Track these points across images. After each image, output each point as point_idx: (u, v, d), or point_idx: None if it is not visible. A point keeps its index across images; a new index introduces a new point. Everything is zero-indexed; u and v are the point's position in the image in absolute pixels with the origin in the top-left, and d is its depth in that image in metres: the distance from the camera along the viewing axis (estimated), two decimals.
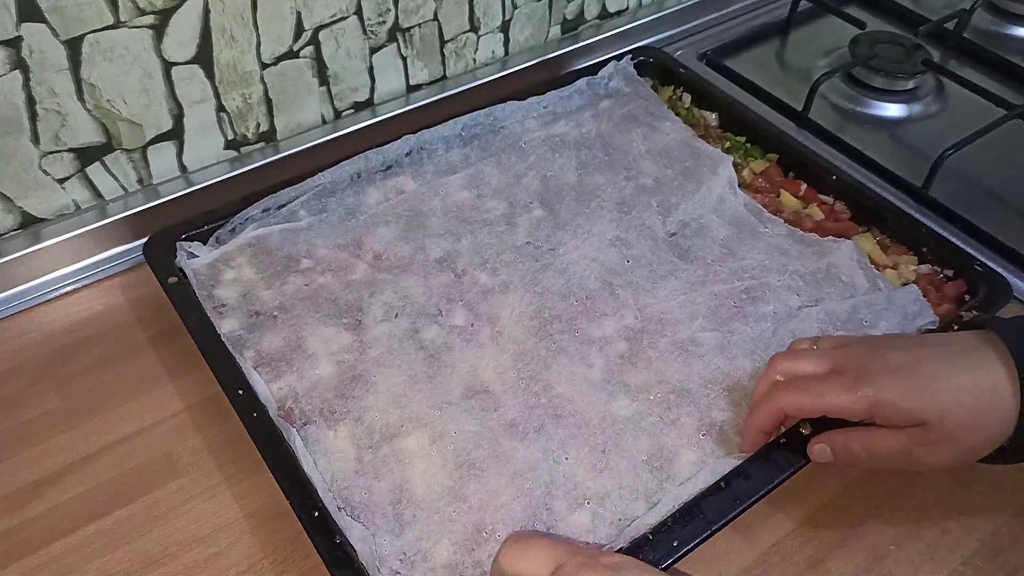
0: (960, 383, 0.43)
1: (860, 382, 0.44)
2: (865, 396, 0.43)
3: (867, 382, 0.44)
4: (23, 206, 0.64)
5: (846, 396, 0.44)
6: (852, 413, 0.44)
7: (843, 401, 0.44)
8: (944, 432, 0.43)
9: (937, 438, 0.43)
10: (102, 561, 0.50)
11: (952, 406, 0.42)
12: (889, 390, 0.43)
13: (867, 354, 0.46)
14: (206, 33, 0.63)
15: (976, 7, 0.88)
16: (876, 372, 0.44)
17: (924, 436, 0.43)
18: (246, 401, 0.52)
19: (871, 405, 0.43)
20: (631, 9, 0.90)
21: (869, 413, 0.44)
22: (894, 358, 0.44)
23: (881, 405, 0.43)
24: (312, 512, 0.47)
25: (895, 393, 0.43)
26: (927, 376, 0.43)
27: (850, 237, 0.65)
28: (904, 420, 0.43)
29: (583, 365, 0.56)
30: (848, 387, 0.44)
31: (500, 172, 0.69)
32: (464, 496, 0.49)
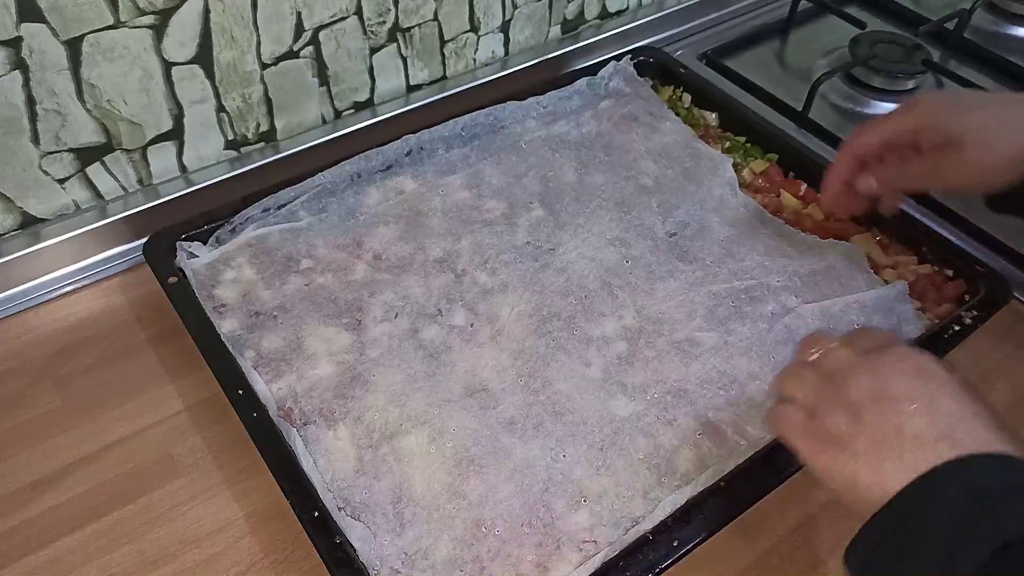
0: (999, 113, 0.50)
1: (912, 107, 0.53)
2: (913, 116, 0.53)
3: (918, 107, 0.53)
4: (23, 206, 0.64)
5: (898, 118, 0.53)
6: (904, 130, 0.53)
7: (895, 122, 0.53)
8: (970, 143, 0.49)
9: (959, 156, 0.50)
10: (102, 561, 0.50)
11: (985, 128, 0.50)
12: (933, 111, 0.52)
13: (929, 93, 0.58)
14: (206, 33, 0.63)
15: (976, 7, 0.88)
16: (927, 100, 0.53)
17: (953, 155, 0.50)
18: (246, 401, 0.52)
19: (916, 123, 0.52)
20: (631, 9, 0.90)
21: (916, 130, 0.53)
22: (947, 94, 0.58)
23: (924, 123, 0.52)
24: (312, 512, 0.47)
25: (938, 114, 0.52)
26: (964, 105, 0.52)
27: (850, 237, 0.65)
28: (941, 138, 0.51)
29: (581, 364, 0.56)
30: (901, 113, 0.54)
31: (500, 172, 0.69)
32: (464, 493, 0.49)
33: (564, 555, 0.47)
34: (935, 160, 0.51)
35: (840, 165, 0.56)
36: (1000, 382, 0.61)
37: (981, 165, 0.50)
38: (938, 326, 0.57)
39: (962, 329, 0.57)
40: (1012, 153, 0.48)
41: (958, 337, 0.56)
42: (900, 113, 0.54)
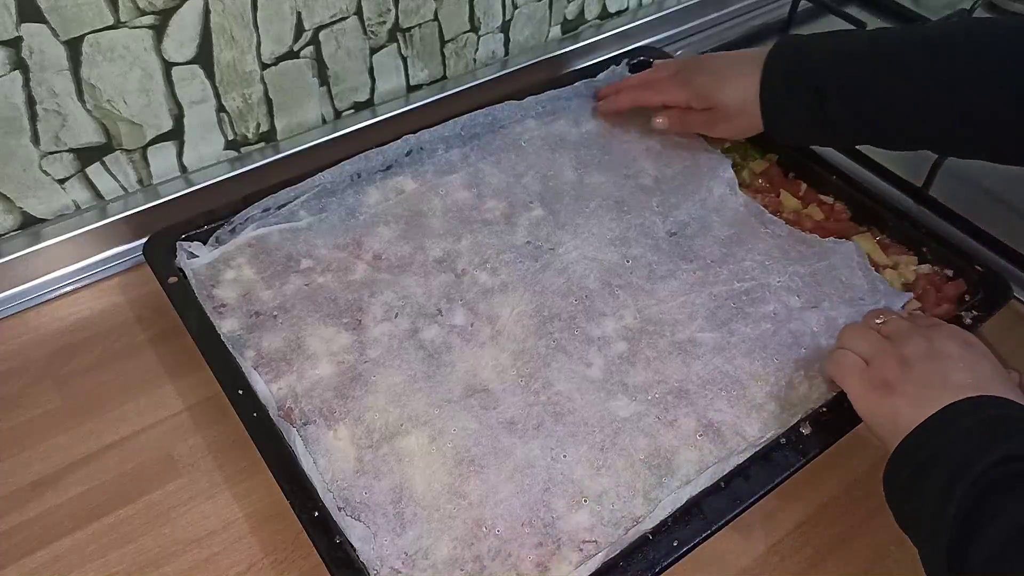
0: (736, 82, 0.64)
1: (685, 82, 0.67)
2: (687, 90, 0.67)
3: (690, 82, 0.67)
4: (23, 206, 0.64)
5: (676, 91, 0.68)
6: (680, 101, 0.68)
7: (674, 94, 0.68)
8: (727, 112, 0.65)
9: (721, 118, 0.66)
10: (102, 561, 0.50)
11: (728, 99, 0.64)
12: (701, 85, 0.66)
13: (696, 63, 0.68)
14: (206, 33, 0.63)
15: (976, 7, 0.88)
16: (697, 73, 0.67)
17: (714, 115, 0.66)
18: (246, 401, 0.52)
19: (691, 94, 0.67)
20: (631, 9, 0.90)
21: (692, 97, 0.67)
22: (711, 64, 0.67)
23: (698, 94, 0.66)
24: (312, 512, 0.47)
25: (706, 86, 0.65)
26: (724, 79, 0.65)
27: (850, 237, 0.65)
28: (708, 104, 0.66)
29: (582, 364, 0.56)
30: (678, 84, 0.68)
31: (500, 172, 0.69)
32: (464, 493, 0.49)
33: (564, 555, 0.47)
34: (705, 117, 0.67)
35: (622, 100, 0.72)
36: None
37: (734, 125, 0.66)
38: None
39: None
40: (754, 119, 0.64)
41: None
42: (677, 85, 0.67)
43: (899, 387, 0.47)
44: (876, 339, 0.51)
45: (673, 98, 0.68)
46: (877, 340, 0.51)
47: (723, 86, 0.64)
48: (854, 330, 0.53)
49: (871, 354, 0.50)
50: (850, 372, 0.50)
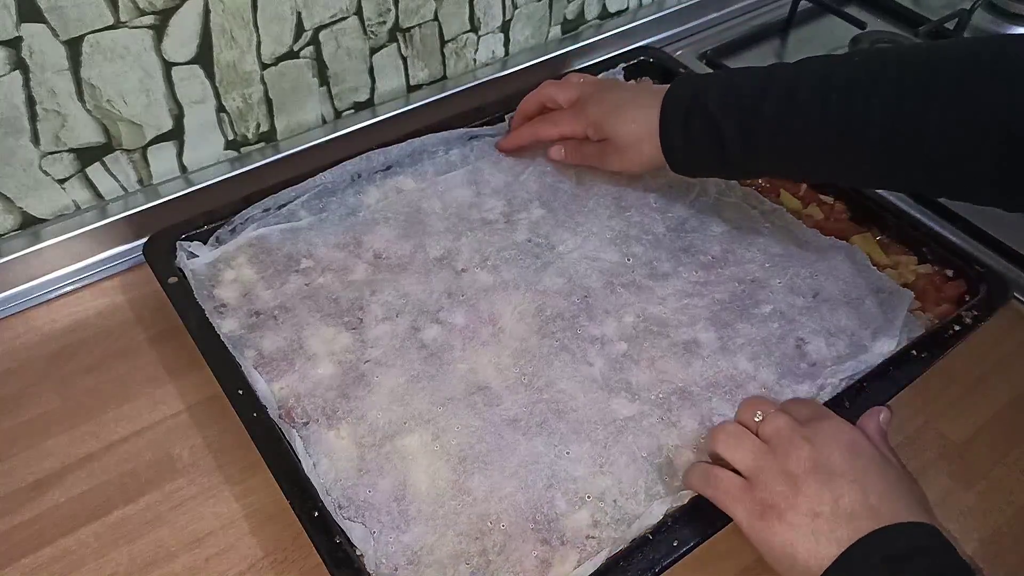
0: (634, 115, 0.61)
1: (583, 113, 0.65)
2: (585, 121, 0.65)
3: (588, 113, 0.64)
4: (23, 206, 0.64)
5: (574, 123, 0.65)
6: (578, 133, 0.65)
7: (574, 126, 0.65)
8: (618, 148, 0.63)
9: (614, 150, 0.63)
10: (102, 561, 0.50)
11: (624, 132, 0.62)
12: (597, 117, 0.63)
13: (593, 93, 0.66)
14: (206, 33, 0.63)
15: (976, 7, 0.88)
16: (594, 104, 0.64)
17: (608, 147, 0.64)
18: (246, 401, 0.52)
19: (588, 125, 0.64)
20: (631, 9, 0.90)
21: (586, 131, 0.65)
22: (609, 97, 0.64)
23: (594, 126, 0.64)
24: (312, 512, 0.47)
25: (602, 119, 0.63)
26: (620, 111, 0.62)
27: (850, 237, 0.65)
28: (603, 135, 0.63)
29: (584, 363, 0.56)
30: (577, 117, 0.65)
31: (499, 171, 0.69)
32: (468, 489, 0.49)
33: (567, 552, 0.47)
34: (599, 149, 0.65)
35: (520, 135, 0.69)
36: (1000, 382, 0.61)
37: (627, 158, 0.63)
38: (938, 326, 0.57)
39: (962, 329, 0.57)
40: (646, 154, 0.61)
41: (958, 337, 0.56)
42: (575, 117, 0.65)
43: (788, 514, 0.43)
44: (755, 448, 0.46)
45: (570, 129, 0.66)
46: (756, 450, 0.46)
47: (619, 118, 0.62)
48: (728, 438, 0.47)
49: (752, 470, 0.45)
50: (733, 497, 0.45)
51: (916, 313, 0.60)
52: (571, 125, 0.66)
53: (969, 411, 0.59)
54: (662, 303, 0.60)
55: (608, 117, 0.63)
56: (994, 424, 0.58)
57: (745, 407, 0.49)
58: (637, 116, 0.61)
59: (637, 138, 0.61)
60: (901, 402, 0.54)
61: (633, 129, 0.61)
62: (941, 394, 0.60)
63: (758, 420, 0.47)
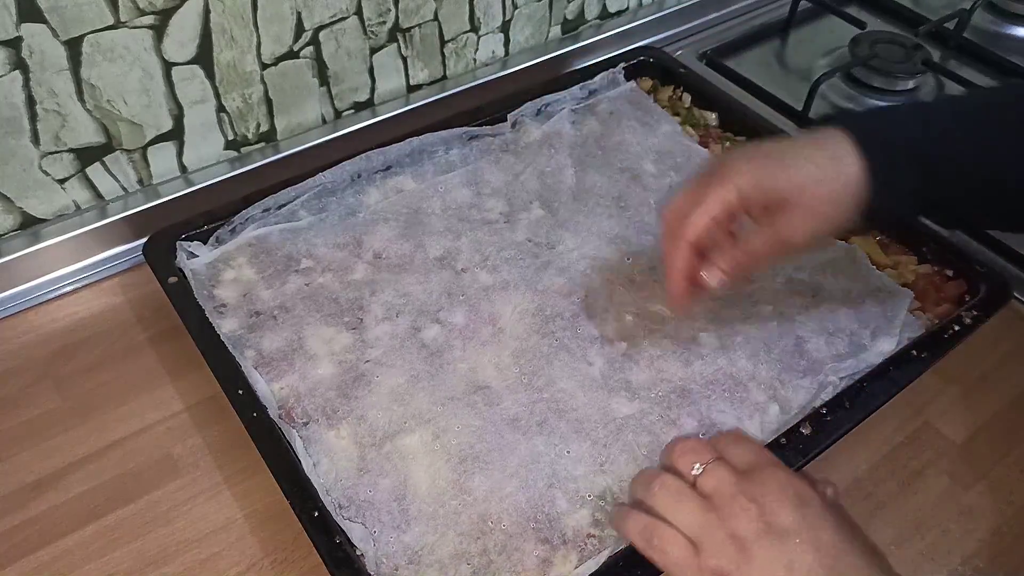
0: (817, 162, 0.47)
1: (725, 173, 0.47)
2: (734, 183, 0.47)
3: (731, 171, 0.47)
4: (23, 206, 0.64)
5: (718, 187, 0.47)
6: (729, 203, 0.47)
7: (717, 193, 0.47)
8: (804, 205, 0.47)
9: (798, 214, 0.47)
10: (102, 561, 0.50)
11: (809, 181, 0.46)
12: (751, 172, 0.47)
13: (730, 155, 0.50)
14: (206, 33, 0.63)
15: (976, 7, 0.88)
16: (738, 161, 0.48)
17: (786, 215, 0.47)
18: (246, 401, 0.52)
19: (740, 188, 0.47)
20: (631, 9, 0.90)
21: (740, 199, 0.47)
22: (754, 151, 0.49)
23: (750, 187, 0.47)
24: (312, 512, 0.47)
25: (759, 174, 0.47)
26: (786, 161, 0.47)
27: (850, 237, 0.64)
28: (769, 199, 0.47)
29: (584, 363, 0.56)
30: (718, 180, 0.48)
31: (499, 171, 0.69)
32: (468, 488, 0.49)
33: (568, 551, 0.47)
34: (770, 227, 0.48)
35: (678, 261, 0.49)
36: (1000, 382, 0.61)
37: (818, 214, 0.47)
38: (938, 326, 0.57)
39: (962, 329, 0.57)
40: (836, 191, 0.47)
41: (958, 337, 0.56)
42: (717, 186, 0.47)
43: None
44: (697, 509, 0.42)
45: (718, 201, 0.47)
46: (699, 511, 0.42)
47: (787, 165, 0.47)
48: (669, 494, 0.43)
49: (697, 534, 0.42)
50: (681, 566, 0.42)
51: (916, 313, 0.60)
52: (712, 192, 0.48)
53: (969, 411, 0.59)
54: (662, 303, 0.60)
55: (776, 173, 0.47)
56: (994, 424, 0.58)
57: (679, 456, 0.44)
58: (813, 154, 0.47)
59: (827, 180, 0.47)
60: (901, 402, 0.54)
61: (816, 172, 0.47)
62: (941, 394, 0.60)
63: (696, 473, 0.43)
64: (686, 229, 0.48)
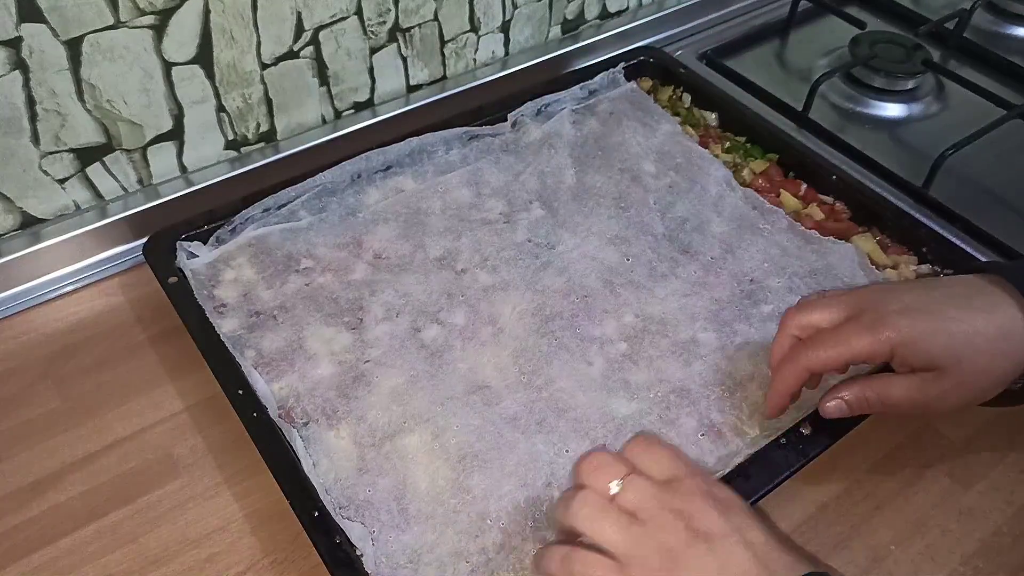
0: (976, 326, 0.42)
1: (879, 324, 0.43)
2: (888, 338, 0.43)
3: (886, 324, 0.43)
4: (23, 206, 0.64)
5: (868, 338, 0.43)
6: (877, 356, 0.43)
7: (867, 345, 0.43)
8: (959, 377, 0.43)
9: (951, 384, 0.43)
10: (102, 561, 0.50)
11: (967, 351, 0.42)
12: (910, 329, 0.43)
13: (881, 297, 0.45)
14: (206, 33, 0.63)
15: (976, 7, 0.88)
16: (894, 313, 0.43)
17: (937, 381, 0.43)
18: (246, 401, 0.52)
19: (894, 346, 0.43)
20: (631, 9, 0.90)
21: (891, 354, 0.43)
22: (909, 299, 0.44)
23: (904, 345, 0.43)
24: (312, 512, 0.47)
25: (916, 332, 0.43)
26: (944, 317, 0.43)
27: (850, 237, 0.65)
28: (922, 363, 0.43)
29: (584, 363, 0.56)
30: (869, 329, 0.43)
31: (499, 171, 0.69)
32: (468, 487, 0.49)
33: None
34: (920, 387, 0.44)
35: (791, 382, 0.46)
36: None
37: (969, 388, 0.43)
38: None
39: None
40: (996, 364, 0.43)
41: None
42: (867, 334, 0.43)
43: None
44: (622, 525, 0.40)
45: (862, 350, 0.44)
46: (624, 527, 0.40)
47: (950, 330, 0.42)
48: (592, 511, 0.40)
49: (623, 551, 0.39)
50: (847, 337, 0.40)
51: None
52: (862, 342, 0.44)
53: (969, 411, 0.58)
54: (661, 303, 0.60)
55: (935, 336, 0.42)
56: (994, 424, 0.58)
57: (592, 473, 0.41)
58: (981, 325, 0.43)
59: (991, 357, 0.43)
60: None
61: (983, 346, 0.43)
62: None
63: (615, 491, 0.41)
64: (816, 362, 0.44)
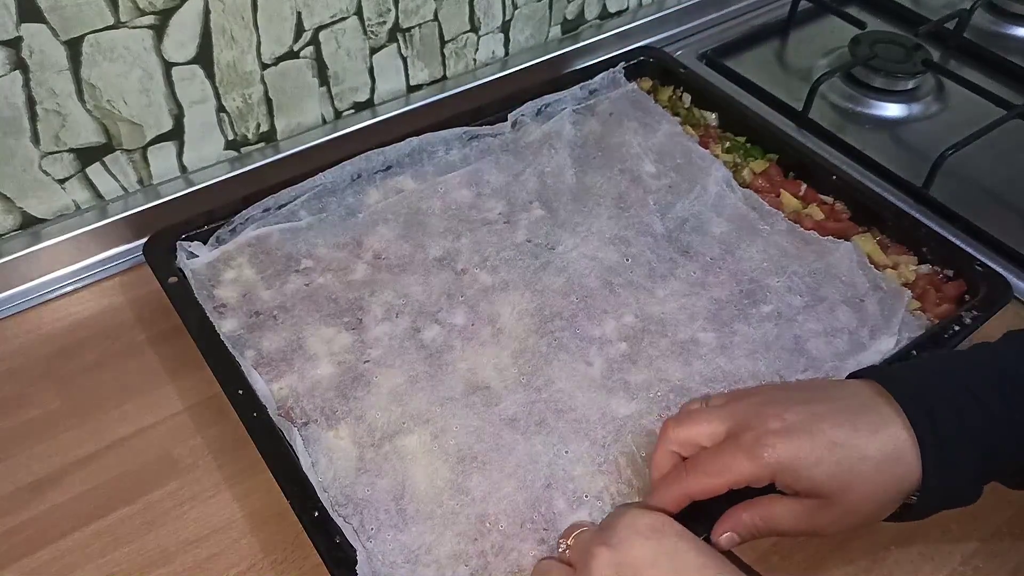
0: (862, 450, 0.41)
1: (760, 447, 0.42)
2: (768, 463, 0.42)
3: (767, 446, 0.42)
4: (23, 206, 0.64)
5: (748, 464, 0.42)
6: (758, 480, 0.43)
7: (747, 470, 0.42)
8: (847, 506, 0.42)
9: (840, 512, 0.42)
10: (102, 561, 0.50)
11: (854, 479, 0.41)
12: (791, 454, 0.42)
13: (763, 412, 0.44)
14: (206, 33, 0.63)
15: (976, 7, 0.88)
16: (773, 434, 0.42)
17: (825, 509, 0.42)
18: (246, 401, 0.52)
19: (774, 472, 0.42)
20: (631, 9, 0.90)
21: (773, 478, 0.42)
22: (791, 417, 0.43)
23: (785, 472, 0.42)
24: (312, 512, 0.47)
25: (798, 458, 0.42)
26: (828, 443, 0.42)
27: (850, 237, 0.65)
28: (806, 489, 0.42)
29: (583, 363, 0.56)
30: (748, 453, 0.42)
31: (499, 171, 0.69)
32: (467, 489, 0.49)
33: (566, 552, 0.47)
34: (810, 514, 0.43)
35: (670, 503, 0.45)
36: None
37: (856, 513, 0.42)
38: (938, 326, 0.57)
39: (962, 329, 0.57)
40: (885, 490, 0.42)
41: (958, 337, 0.56)
42: (746, 459, 0.42)
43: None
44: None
45: (741, 476, 0.43)
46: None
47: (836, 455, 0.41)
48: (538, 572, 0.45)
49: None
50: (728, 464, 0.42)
51: (916, 313, 0.60)
52: (742, 468, 0.43)
53: None
54: (661, 303, 0.60)
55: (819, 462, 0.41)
56: None
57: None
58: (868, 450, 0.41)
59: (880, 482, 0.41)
60: None
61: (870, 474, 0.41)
62: None
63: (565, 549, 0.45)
64: (696, 490, 0.44)
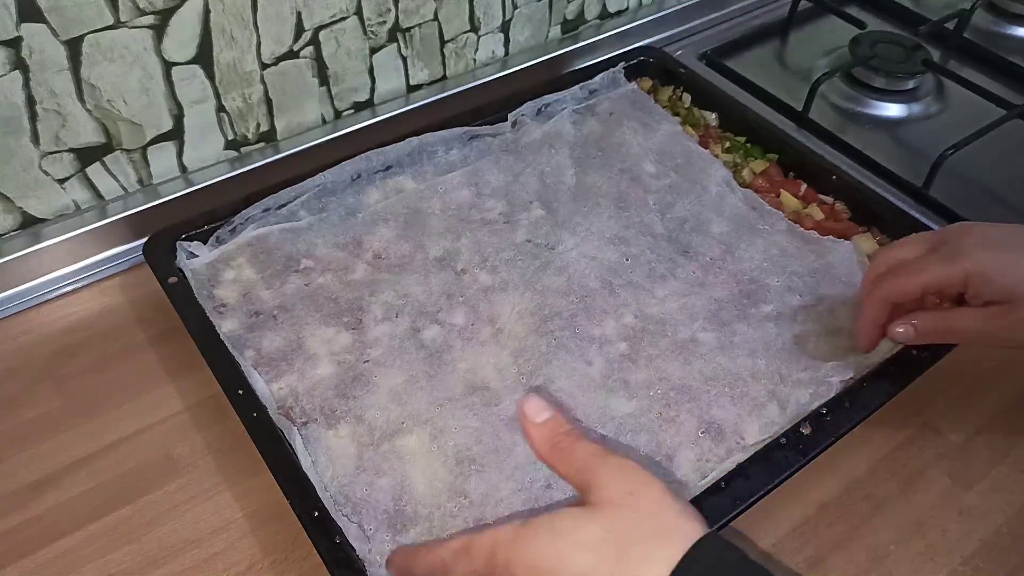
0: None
1: (956, 255, 0.45)
2: (962, 267, 0.44)
3: (963, 254, 0.45)
4: (23, 206, 0.64)
5: (942, 267, 0.45)
6: (950, 284, 0.45)
7: (940, 273, 0.45)
8: None
9: (1021, 316, 0.44)
10: (102, 561, 0.50)
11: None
12: (985, 261, 0.44)
13: (966, 231, 0.47)
14: (206, 33, 0.63)
15: (976, 7, 0.88)
16: (972, 245, 0.45)
17: (1007, 314, 0.44)
18: (246, 401, 0.52)
19: (967, 275, 0.44)
20: (631, 9, 0.90)
21: (964, 283, 0.44)
22: (993, 235, 0.45)
23: (977, 275, 0.44)
24: (312, 512, 0.47)
25: (991, 264, 0.44)
26: (1017, 252, 0.44)
27: (850, 237, 0.65)
28: (994, 294, 0.44)
29: (583, 362, 0.56)
30: (945, 260, 0.45)
31: (499, 171, 0.69)
32: (465, 492, 0.49)
33: None
34: (989, 318, 0.45)
35: (876, 313, 0.49)
36: (1000, 382, 0.61)
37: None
38: None
39: None
40: None
41: None
42: (945, 262, 0.45)
43: None
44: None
45: (937, 277, 0.46)
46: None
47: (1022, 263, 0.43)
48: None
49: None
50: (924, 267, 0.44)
51: None
52: (936, 270, 0.46)
53: (969, 411, 0.59)
54: (661, 303, 0.60)
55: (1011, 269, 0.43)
56: (994, 424, 0.58)
57: None
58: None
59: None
60: (901, 402, 0.54)
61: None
62: (941, 394, 0.60)
63: None
64: (893, 290, 0.47)
